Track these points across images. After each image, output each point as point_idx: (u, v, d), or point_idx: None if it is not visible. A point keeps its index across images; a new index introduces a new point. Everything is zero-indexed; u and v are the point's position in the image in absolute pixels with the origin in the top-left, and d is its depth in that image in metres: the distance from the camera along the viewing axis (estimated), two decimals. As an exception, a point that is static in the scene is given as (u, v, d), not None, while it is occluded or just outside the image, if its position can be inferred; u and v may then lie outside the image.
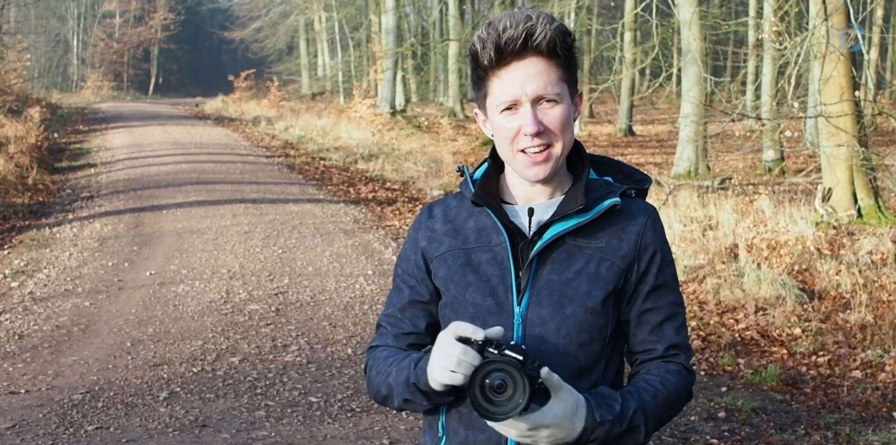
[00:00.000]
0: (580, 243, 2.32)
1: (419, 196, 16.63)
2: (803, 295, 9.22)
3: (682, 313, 2.43)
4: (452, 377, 2.12)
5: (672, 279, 2.41)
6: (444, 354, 2.14)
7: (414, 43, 36.76)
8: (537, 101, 2.27)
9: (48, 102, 37.17)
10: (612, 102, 39.83)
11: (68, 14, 66.14)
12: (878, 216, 12.30)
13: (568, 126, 2.31)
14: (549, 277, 2.30)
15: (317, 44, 57.77)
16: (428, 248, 2.44)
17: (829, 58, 12.23)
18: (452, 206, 2.49)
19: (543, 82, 2.27)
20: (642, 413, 2.25)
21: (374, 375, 2.42)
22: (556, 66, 2.30)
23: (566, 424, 2.14)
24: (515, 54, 2.27)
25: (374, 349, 2.50)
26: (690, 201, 13.26)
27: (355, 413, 6.61)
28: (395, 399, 2.35)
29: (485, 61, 2.30)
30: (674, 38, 31.09)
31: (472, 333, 2.14)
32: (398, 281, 2.51)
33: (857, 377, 7.46)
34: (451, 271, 2.37)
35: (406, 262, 2.50)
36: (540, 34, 2.25)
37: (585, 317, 2.27)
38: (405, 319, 2.46)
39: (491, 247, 2.36)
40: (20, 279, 10.55)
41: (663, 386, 2.32)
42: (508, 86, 2.28)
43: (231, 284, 10.29)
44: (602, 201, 2.33)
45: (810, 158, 21.12)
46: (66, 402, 6.78)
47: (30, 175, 17.45)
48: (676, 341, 2.39)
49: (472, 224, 2.42)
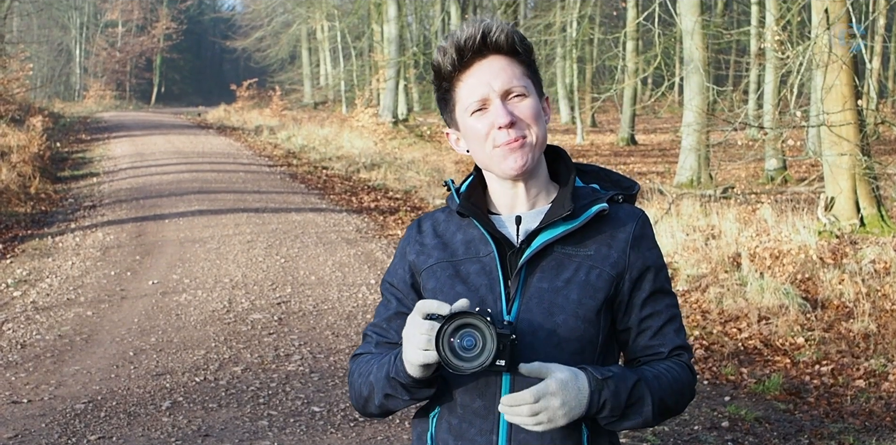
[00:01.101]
0: (569, 250, 2.32)
1: (421, 205, 16.63)
2: (806, 304, 9.20)
3: (679, 314, 2.43)
4: (426, 355, 2.12)
5: (666, 282, 2.41)
6: (413, 333, 2.15)
7: (416, 52, 36.73)
8: (505, 95, 2.29)
9: (50, 112, 37.25)
10: (614, 111, 39.86)
11: (71, 23, 66.20)
12: (881, 225, 12.29)
13: (539, 118, 2.32)
14: (538, 285, 2.29)
15: (319, 53, 57.85)
16: (416, 261, 2.44)
17: (832, 67, 12.23)
18: (441, 220, 2.50)
19: (508, 76, 2.29)
20: (645, 386, 2.23)
21: (356, 378, 2.42)
22: (518, 62, 2.33)
23: (572, 388, 2.13)
24: (476, 52, 2.30)
25: (357, 356, 2.51)
26: (693, 210, 13.25)
27: (358, 423, 6.60)
28: (376, 398, 2.34)
29: (448, 67, 2.32)
30: (676, 48, 31.07)
31: (438, 308, 2.14)
32: (386, 294, 2.51)
33: (861, 386, 7.44)
34: (440, 282, 2.37)
35: (393, 275, 2.50)
36: (496, 30, 2.28)
37: (576, 325, 2.27)
38: (391, 329, 2.45)
39: (479, 258, 2.36)
40: (23, 289, 10.55)
41: (667, 371, 2.32)
42: (475, 86, 2.30)
43: (233, 293, 10.29)
44: (589, 208, 2.33)
45: (813, 167, 21.12)
46: (68, 412, 6.78)
47: (32, 184, 17.46)
48: (678, 342, 2.39)
49: (461, 237, 2.42)
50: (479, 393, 2.28)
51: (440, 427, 2.36)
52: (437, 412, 2.37)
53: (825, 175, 13.07)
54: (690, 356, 2.42)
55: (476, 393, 2.29)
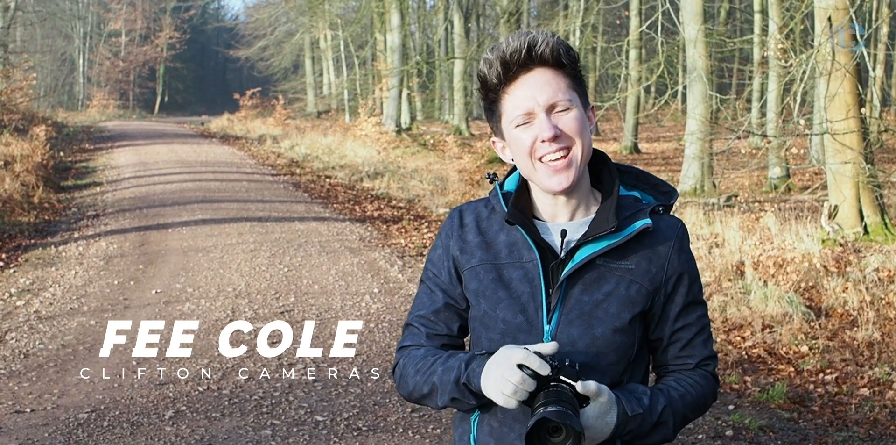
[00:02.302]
0: (610, 264, 2.35)
1: (425, 214, 16.63)
2: (810, 313, 9.19)
3: (708, 323, 2.48)
4: (507, 401, 2.16)
5: (699, 293, 2.46)
6: (503, 376, 2.17)
7: (419, 61, 36.81)
8: (550, 109, 2.30)
9: (54, 121, 37.27)
10: (617, 119, 39.85)
11: (74, 33, 66.31)
12: (885, 233, 12.28)
13: (584, 130, 2.33)
14: (579, 297, 2.32)
15: (322, 62, 57.92)
16: (460, 258, 2.46)
17: (835, 75, 12.24)
18: (483, 216, 2.50)
19: (553, 90, 2.30)
20: (671, 410, 2.30)
21: (413, 373, 2.44)
22: (563, 75, 2.34)
23: (600, 424, 2.19)
24: (521, 66, 2.31)
25: (406, 348, 2.52)
26: (696, 219, 13.24)
27: (361, 432, 6.59)
28: (440, 398, 2.36)
29: (493, 79, 2.34)
30: (679, 56, 31.18)
31: (539, 367, 2.15)
32: (430, 284, 2.52)
33: (865, 395, 7.42)
34: (483, 285, 2.40)
35: (439, 267, 2.51)
36: (542, 43, 2.30)
37: (614, 338, 2.31)
38: (439, 321, 2.48)
39: (522, 263, 2.38)
40: (26, 298, 10.55)
41: (692, 389, 2.39)
42: (520, 100, 2.31)
43: (237, 302, 10.28)
44: (633, 221, 2.35)
45: (816, 175, 21.11)
46: (71, 421, 6.77)
47: (35, 194, 17.47)
48: (707, 353, 2.45)
49: (504, 238, 2.43)
50: None
51: (482, 430, 2.40)
52: (478, 414, 2.41)
53: (828, 183, 13.07)
54: (716, 364, 2.48)
55: None
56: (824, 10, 12.54)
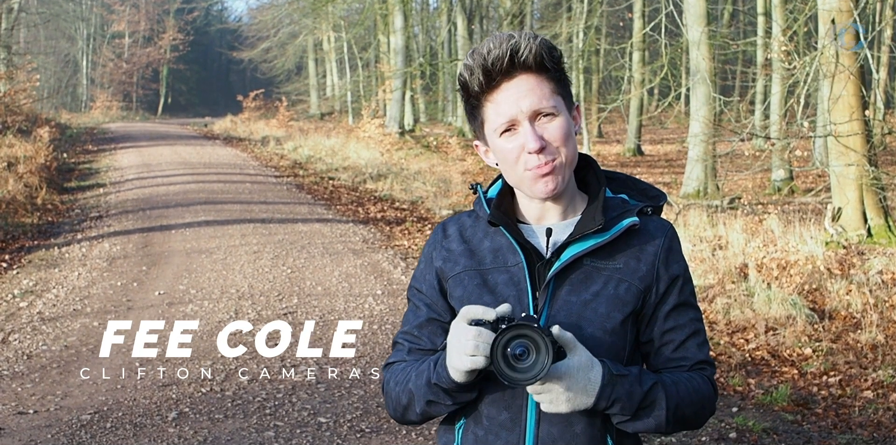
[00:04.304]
0: (598, 264, 2.31)
1: (428, 216, 16.63)
2: (814, 315, 9.18)
3: (703, 328, 2.42)
4: (473, 361, 2.09)
5: (691, 296, 2.41)
6: (459, 339, 2.12)
7: (423, 63, 36.79)
8: (535, 117, 2.25)
9: (57, 123, 37.26)
10: (620, 121, 39.88)
11: (78, 34, 66.37)
12: (889, 236, 12.27)
13: (570, 138, 2.29)
14: (567, 298, 2.28)
15: (325, 64, 57.85)
16: (443, 268, 2.42)
17: (839, 77, 12.23)
18: (467, 225, 2.47)
19: (537, 97, 2.25)
20: (662, 390, 2.22)
21: (393, 386, 2.39)
22: (547, 80, 2.28)
23: (581, 377, 2.12)
24: (504, 74, 2.25)
25: (390, 365, 2.48)
26: (700, 221, 13.23)
27: (365, 434, 6.59)
28: (417, 405, 2.31)
29: (475, 87, 2.29)
30: (682, 58, 31.15)
31: (483, 314, 2.12)
32: (414, 300, 2.48)
33: (869, 397, 7.42)
34: (468, 291, 2.35)
35: (421, 281, 2.47)
36: (525, 49, 2.23)
37: (604, 339, 2.26)
38: (422, 336, 2.43)
39: (507, 267, 2.34)
40: (29, 299, 10.55)
41: (687, 381, 2.31)
42: (503, 107, 2.26)
43: (240, 304, 10.28)
44: (620, 221, 2.31)
45: (819, 177, 21.10)
46: (74, 422, 6.77)
47: (39, 195, 17.48)
48: (701, 357, 2.38)
49: (488, 244, 2.39)
50: (505, 406, 2.28)
51: (466, 439, 2.35)
52: (463, 423, 2.36)
53: (832, 186, 13.06)
54: (713, 372, 2.40)
55: (502, 405, 2.28)
56: (828, 12, 12.53)
